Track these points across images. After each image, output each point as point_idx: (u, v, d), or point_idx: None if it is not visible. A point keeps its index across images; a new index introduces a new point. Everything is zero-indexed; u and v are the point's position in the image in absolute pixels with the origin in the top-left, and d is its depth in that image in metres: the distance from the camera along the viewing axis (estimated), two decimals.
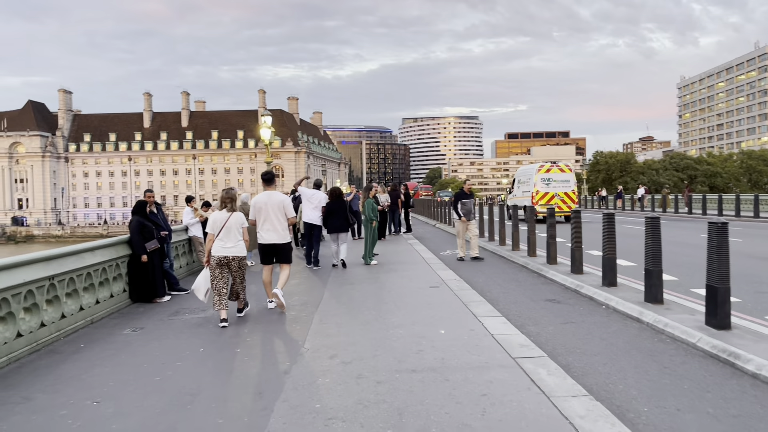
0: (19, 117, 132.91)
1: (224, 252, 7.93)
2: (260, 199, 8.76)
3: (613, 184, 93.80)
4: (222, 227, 7.95)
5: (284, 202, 8.78)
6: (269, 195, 8.76)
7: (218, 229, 7.95)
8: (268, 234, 8.67)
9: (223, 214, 8.04)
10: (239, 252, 8.03)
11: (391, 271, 12.36)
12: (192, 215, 13.11)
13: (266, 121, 27.96)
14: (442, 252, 16.67)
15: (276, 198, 8.75)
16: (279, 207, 8.68)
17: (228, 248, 7.93)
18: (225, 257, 7.94)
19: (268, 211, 8.66)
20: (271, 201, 8.68)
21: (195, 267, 13.49)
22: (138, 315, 8.90)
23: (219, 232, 7.93)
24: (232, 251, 7.97)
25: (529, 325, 7.73)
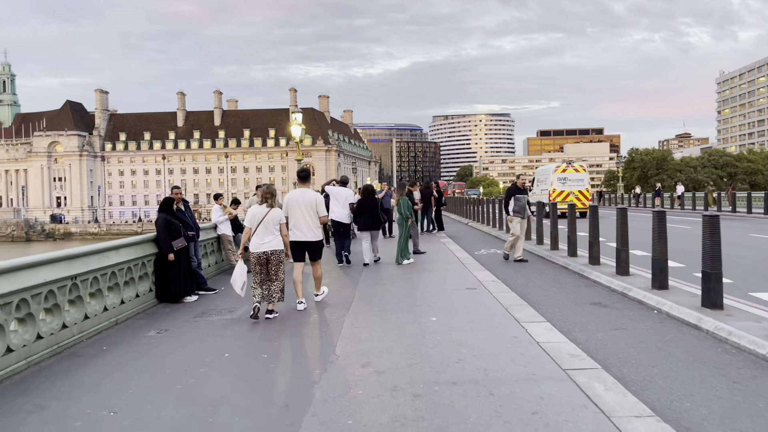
0: (57, 117, 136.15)
1: (262, 248, 7.93)
2: (293, 196, 8.69)
3: (649, 182, 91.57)
4: (260, 222, 7.93)
5: (317, 200, 8.68)
6: (302, 192, 8.70)
7: (256, 224, 7.95)
8: (300, 231, 8.61)
9: (261, 209, 8.03)
10: (276, 245, 8.00)
11: (425, 271, 11.88)
12: (221, 213, 12.84)
13: (297, 118, 27.72)
14: (477, 251, 16.11)
15: (309, 196, 8.68)
16: (311, 205, 8.61)
17: (265, 243, 7.94)
18: (263, 253, 7.93)
19: (300, 208, 8.58)
20: (304, 198, 8.62)
21: (224, 266, 13.22)
22: (163, 316, 8.61)
23: (256, 227, 7.93)
24: (270, 245, 7.95)
25: (575, 331, 7.17)
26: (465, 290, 9.43)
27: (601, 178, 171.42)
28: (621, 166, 79.51)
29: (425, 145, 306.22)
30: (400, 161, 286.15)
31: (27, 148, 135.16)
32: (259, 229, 7.94)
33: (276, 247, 8.01)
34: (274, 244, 8.00)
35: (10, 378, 5.76)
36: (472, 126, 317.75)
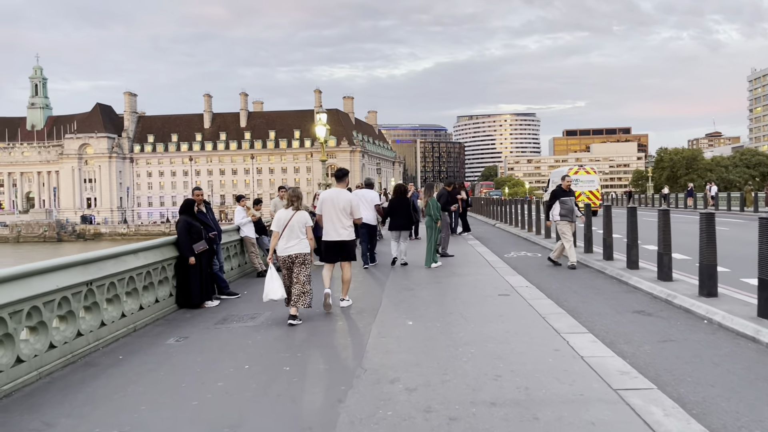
0: (87, 119, 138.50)
1: (287, 251, 7.90)
2: (327, 196, 8.63)
3: (678, 182, 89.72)
4: (285, 226, 7.88)
5: (351, 201, 8.61)
6: (338, 192, 8.64)
7: (282, 227, 7.90)
8: (333, 231, 8.54)
9: (287, 212, 7.98)
10: (302, 249, 7.93)
11: (454, 275, 11.40)
12: (244, 214, 12.53)
13: (321, 118, 27.46)
14: (507, 254, 15.56)
15: (343, 196, 8.61)
16: (346, 205, 8.52)
17: (290, 247, 7.89)
18: (288, 257, 7.91)
19: (335, 207, 8.49)
20: (339, 199, 8.54)
21: (247, 269, 12.92)
22: (184, 322, 8.29)
23: (283, 230, 7.88)
24: (295, 249, 7.89)
25: (620, 343, 6.64)
26: (498, 297, 8.94)
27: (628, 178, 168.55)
28: (650, 165, 77.64)
29: (449, 145, 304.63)
30: (424, 162, 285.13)
31: (58, 150, 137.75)
32: (285, 233, 7.88)
33: (301, 250, 7.91)
34: (300, 247, 7.91)
35: (20, 390, 5.47)
36: (497, 126, 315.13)
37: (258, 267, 12.54)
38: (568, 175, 13.94)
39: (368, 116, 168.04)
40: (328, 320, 7.97)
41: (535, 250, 16.53)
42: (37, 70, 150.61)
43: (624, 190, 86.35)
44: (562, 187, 13.01)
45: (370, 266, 12.91)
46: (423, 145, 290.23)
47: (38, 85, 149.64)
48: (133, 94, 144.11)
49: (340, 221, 8.49)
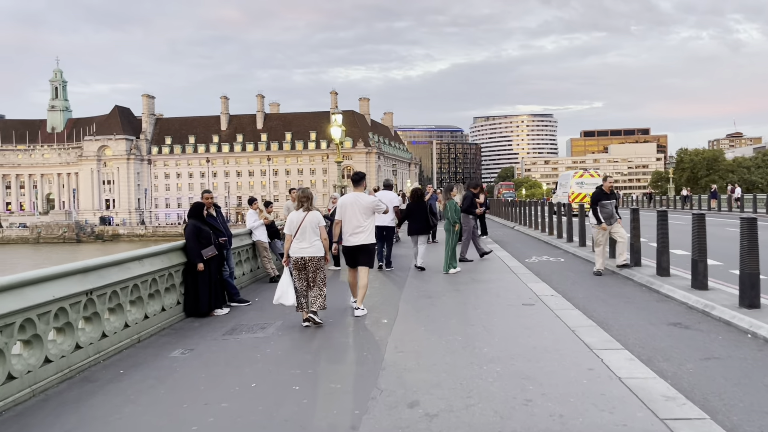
0: (106, 121, 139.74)
1: (300, 253, 7.75)
2: (346, 200, 8.48)
3: (699, 183, 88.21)
4: (298, 227, 7.74)
5: (372, 204, 8.48)
6: (356, 196, 8.47)
7: (295, 230, 7.76)
8: (353, 236, 8.39)
9: (299, 213, 7.84)
10: (315, 252, 7.78)
11: (474, 282, 10.90)
12: (256, 217, 12.14)
13: (337, 119, 27.06)
14: (528, 259, 15.01)
15: (364, 199, 8.47)
16: (367, 208, 8.40)
17: (303, 249, 7.73)
18: (301, 258, 7.75)
19: (354, 211, 8.35)
20: (358, 202, 8.39)
21: (259, 274, 12.52)
22: (191, 332, 7.90)
23: (296, 232, 7.74)
24: (308, 251, 7.73)
25: (658, 360, 6.11)
26: (522, 306, 8.42)
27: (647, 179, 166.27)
28: (671, 166, 76.22)
29: (466, 146, 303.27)
30: (440, 163, 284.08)
31: (78, 152, 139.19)
32: (298, 234, 7.74)
33: (315, 253, 7.76)
34: (313, 250, 7.76)
35: (11, 410, 5.09)
36: (513, 127, 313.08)
37: (271, 272, 12.14)
38: (609, 176, 13.35)
39: (384, 117, 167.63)
40: (342, 331, 7.53)
41: (558, 255, 15.96)
42: (57, 73, 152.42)
43: (644, 192, 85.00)
44: (603, 189, 12.09)
45: (386, 270, 12.72)
46: (439, 147, 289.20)
47: (58, 87, 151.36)
48: (150, 97, 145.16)
49: (360, 226, 8.32)
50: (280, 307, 9.25)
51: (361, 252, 8.44)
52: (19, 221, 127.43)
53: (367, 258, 8.51)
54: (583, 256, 14.80)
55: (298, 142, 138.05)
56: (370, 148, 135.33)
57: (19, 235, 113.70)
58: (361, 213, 8.34)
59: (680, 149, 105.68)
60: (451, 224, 12.11)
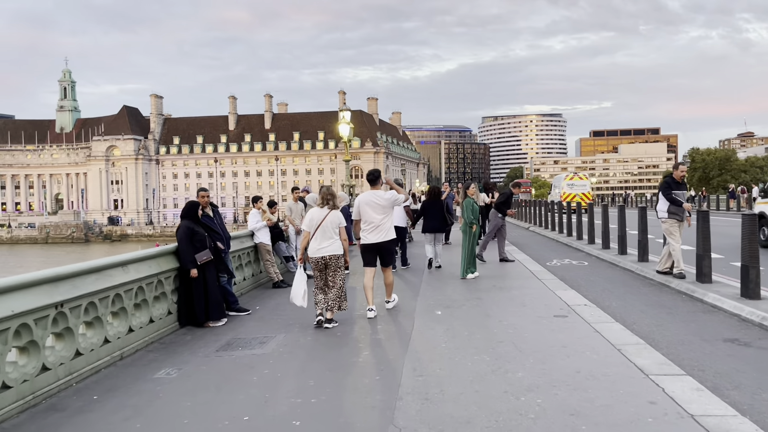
0: (114, 122, 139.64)
1: (320, 253, 7.58)
2: (364, 199, 8.25)
3: (710, 183, 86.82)
4: (318, 226, 7.58)
5: (391, 199, 8.22)
6: (374, 194, 8.23)
7: (314, 228, 7.59)
8: (372, 234, 8.18)
9: (320, 211, 7.68)
10: (335, 250, 7.62)
11: (495, 289, 9.96)
12: (259, 218, 11.26)
13: (345, 116, 26.21)
14: (549, 262, 14.05)
15: (383, 196, 8.22)
16: (387, 204, 8.16)
17: (323, 248, 7.58)
18: (322, 258, 7.58)
19: (373, 209, 8.12)
20: (377, 199, 8.16)
21: (262, 279, 11.65)
22: (181, 347, 7.03)
23: (315, 231, 7.58)
24: (328, 250, 7.58)
25: (726, 388, 5.15)
26: (554, 319, 7.48)
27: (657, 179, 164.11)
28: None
29: (474, 146, 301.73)
30: (448, 163, 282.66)
31: (86, 153, 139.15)
32: (318, 233, 7.58)
33: (335, 252, 7.60)
34: (333, 248, 7.60)
35: None
36: (522, 127, 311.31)
37: (274, 277, 11.25)
38: (682, 163, 12.17)
39: (392, 117, 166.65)
40: (351, 347, 6.63)
41: (580, 258, 14.98)
42: (66, 73, 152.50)
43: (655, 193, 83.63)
44: (674, 178, 10.48)
45: (401, 269, 12.51)
46: (447, 147, 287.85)
47: (67, 88, 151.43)
48: (159, 97, 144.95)
49: (380, 222, 8.13)
50: (282, 317, 8.41)
51: (382, 250, 8.25)
52: (28, 221, 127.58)
53: (389, 256, 8.37)
54: (609, 260, 13.81)
55: (306, 142, 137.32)
56: (379, 147, 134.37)
57: (27, 235, 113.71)
58: (379, 210, 8.10)
59: (692, 149, 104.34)
60: (467, 225, 11.19)
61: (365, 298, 8.29)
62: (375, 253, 8.28)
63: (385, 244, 8.22)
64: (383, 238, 8.18)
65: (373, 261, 8.32)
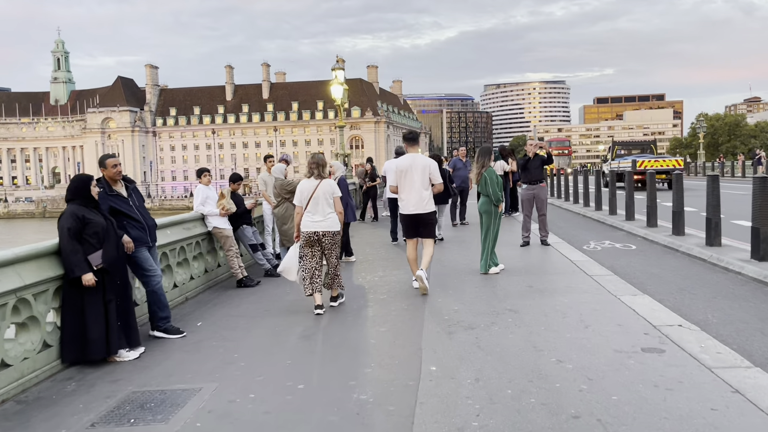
0: (109, 93, 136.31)
1: (312, 227, 6.90)
2: (403, 163, 7.54)
3: (719, 150, 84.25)
4: (310, 198, 6.90)
5: (430, 167, 7.52)
6: (413, 158, 7.57)
7: (306, 201, 6.93)
8: (413, 203, 7.47)
9: (310, 182, 6.99)
10: (330, 226, 6.93)
11: (533, 292, 7.17)
12: (207, 197, 8.44)
13: (338, 76, 23.27)
14: (586, 246, 11.28)
15: (421, 161, 7.55)
16: (424, 172, 7.45)
17: (317, 222, 6.89)
18: (314, 233, 6.89)
19: (412, 176, 7.42)
20: (415, 165, 7.47)
21: (222, 274, 8.94)
22: (45, 410, 4.33)
23: (307, 203, 6.90)
24: (322, 225, 6.90)
25: None
26: (644, 356, 4.69)
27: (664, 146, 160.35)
28: (702, 130, 71.19)
29: (477, 115, 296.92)
30: (450, 132, 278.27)
31: (82, 125, 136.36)
32: (310, 206, 6.90)
33: (329, 227, 6.91)
34: (327, 223, 6.90)
35: None
36: (525, 94, 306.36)
37: (237, 273, 8.52)
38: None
39: (393, 86, 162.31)
40: (323, 409, 3.92)
41: (622, 239, 12.18)
42: (59, 43, 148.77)
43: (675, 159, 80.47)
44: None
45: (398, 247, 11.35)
46: (449, 115, 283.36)
47: (60, 59, 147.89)
48: (154, 67, 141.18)
49: (419, 191, 7.42)
50: (229, 341, 5.73)
51: (421, 222, 7.53)
52: (25, 195, 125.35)
53: (429, 229, 7.63)
54: (662, 242, 11.01)
55: (305, 112, 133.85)
56: (379, 117, 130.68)
57: (24, 210, 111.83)
58: (418, 177, 7.41)
59: (700, 114, 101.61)
60: (491, 203, 8.39)
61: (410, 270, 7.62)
62: (415, 224, 7.55)
63: (423, 216, 7.48)
64: (423, 209, 7.44)
65: (413, 232, 7.61)
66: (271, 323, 6.43)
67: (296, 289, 7.55)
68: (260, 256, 9.25)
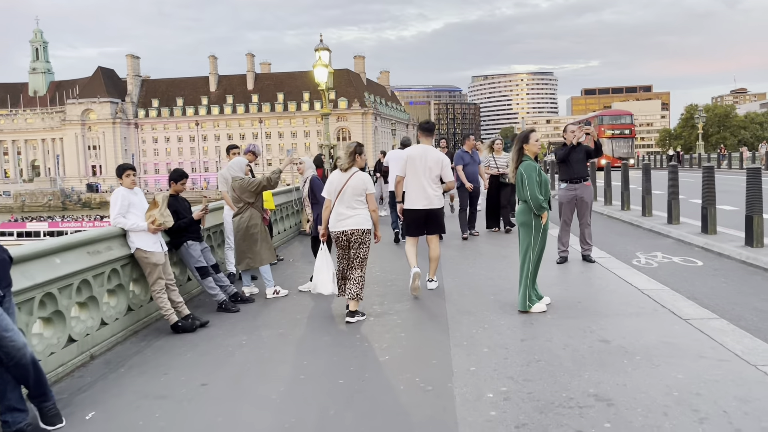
0: (89, 84, 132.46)
1: (339, 226, 6.06)
2: (415, 153, 6.94)
3: (709, 141, 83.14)
4: (338, 193, 6.04)
5: (443, 162, 6.91)
6: (425, 150, 6.96)
7: (335, 195, 6.06)
8: (420, 198, 6.86)
9: (341, 175, 6.12)
10: (359, 224, 6.03)
11: (614, 353, 4.62)
12: (128, 203, 5.90)
13: (321, 57, 20.63)
14: (635, 260, 8.88)
15: (433, 155, 6.94)
16: (436, 165, 6.85)
17: (344, 220, 6.04)
18: (342, 233, 6.06)
19: (423, 168, 6.81)
20: (426, 157, 6.86)
21: (152, 314, 6.42)
22: None
23: (336, 198, 6.07)
24: (350, 223, 6.01)
25: None
26: None
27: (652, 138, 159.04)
28: (702, 120, 69.09)
29: (464, 106, 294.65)
30: (438, 123, 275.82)
31: (61, 117, 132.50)
32: (338, 202, 6.07)
33: (358, 225, 6.04)
34: (355, 221, 6.04)
35: None
36: (513, 86, 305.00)
37: (169, 315, 5.96)
38: None
39: (380, 77, 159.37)
40: None
41: (676, 250, 9.75)
42: (37, 33, 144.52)
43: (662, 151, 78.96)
44: None
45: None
46: (437, 107, 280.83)
47: (39, 49, 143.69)
48: (135, 57, 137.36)
49: (429, 185, 6.85)
50: None
51: (429, 218, 6.91)
52: (3, 189, 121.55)
53: (437, 225, 7.02)
54: (735, 256, 8.63)
55: (291, 103, 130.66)
56: (367, 108, 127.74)
57: (2, 204, 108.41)
58: (428, 170, 6.82)
59: (690, 105, 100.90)
60: (531, 212, 5.93)
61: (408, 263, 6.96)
62: (422, 222, 6.99)
63: (433, 212, 6.98)
64: (431, 205, 6.93)
65: (418, 230, 7.04)
66: (211, 413, 3.96)
67: (259, 336, 5.12)
68: (211, 284, 6.71)
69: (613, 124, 46.46)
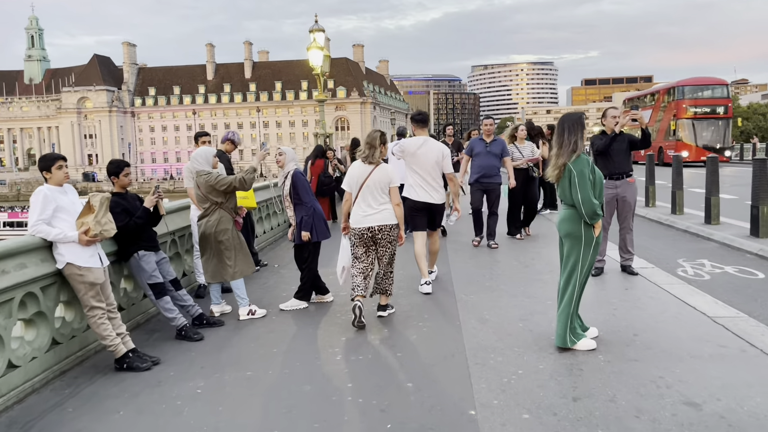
0: (85, 72, 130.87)
1: (365, 222, 5.65)
2: (412, 144, 6.69)
3: None
4: (361, 186, 5.65)
5: (443, 152, 6.67)
6: (425, 141, 6.69)
7: (356, 188, 5.66)
8: (421, 190, 6.61)
9: (362, 168, 5.73)
10: (386, 219, 5.67)
11: (711, 428, 3.38)
12: (55, 206, 4.55)
13: (317, 39, 19.23)
14: (679, 269, 7.56)
15: (434, 146, 6.71)
16: (437, 157, 6.63)
17: (368, 216, 5.64)
18: (368, 229, 5.64)
19: (426, 159, 6.60)
20: (427, 149, 6.63)
21: (92, 341, 5.07)
22: None
23: (357, 193, 5.66)
24: (376, 219, 5.63)
25: None
26: None
27: None
28: None
29: (464, 96, 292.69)
30: (437, 113, 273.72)
31: (57, 105, 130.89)
32: (360, 196, 5.65)
33: (384, 220, 5.66)
34: (383, 216, 5.65)
35: None
36: (513, 76, 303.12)
37: (114, 346, 4.61)
38: None
39: (379, 66, 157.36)
40: None
41: (717, 253, 8.45)
42: (33, 20, 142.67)
43: None
44: None
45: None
46: (436, 96, 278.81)
47: (34, 36, 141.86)
48: (132, 45, 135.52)
49: (431, 177, 6.60)
50: None
51: (434, 212, 6.73)
52: None
53: (439, 220, 6.88)
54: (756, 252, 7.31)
55: (288, 92, 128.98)
56: (366, 98, 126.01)
57: None
58: (431, 162, 6.59)
59: None
60: (581, 220, 4.56)
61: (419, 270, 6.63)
62: (425, 214, 6.67)
63: (437, 206, 6.69)
64: (434, 199, 6.63)
65: (423, 223, 6.70)
66: None
67: (220, 380, 3.78)
68: (169, 304, 5.34)
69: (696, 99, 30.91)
